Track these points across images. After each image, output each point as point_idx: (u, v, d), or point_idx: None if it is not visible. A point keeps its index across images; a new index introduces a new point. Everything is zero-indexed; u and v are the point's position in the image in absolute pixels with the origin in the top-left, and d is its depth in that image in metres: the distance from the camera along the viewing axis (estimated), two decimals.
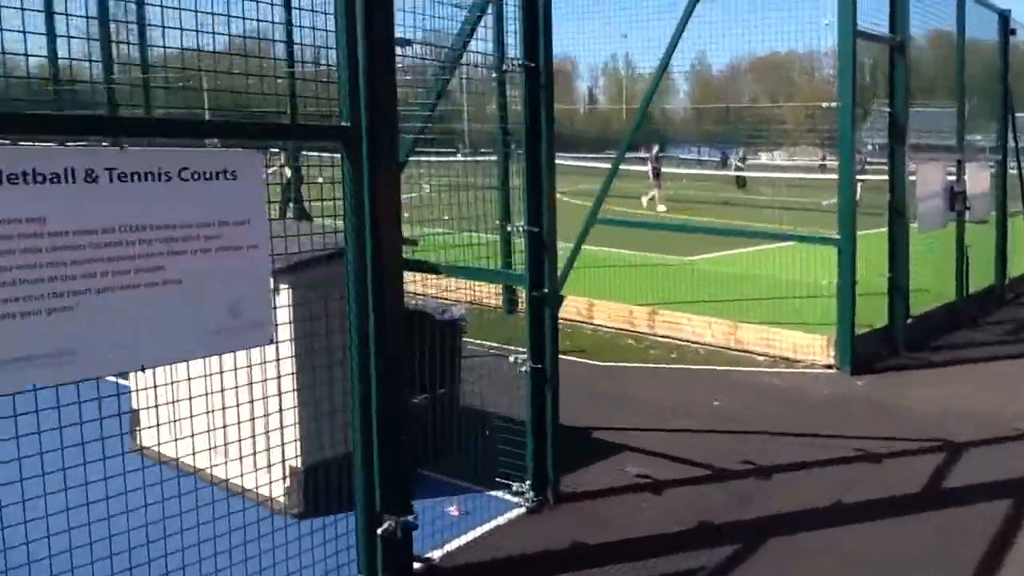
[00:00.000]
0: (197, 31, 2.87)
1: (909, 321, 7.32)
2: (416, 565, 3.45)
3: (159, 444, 3.28)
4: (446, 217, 4.36)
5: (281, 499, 3.62)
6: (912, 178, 7.33)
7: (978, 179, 8.71)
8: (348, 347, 3.13)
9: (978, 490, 4.37)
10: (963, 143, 8.53)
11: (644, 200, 20.21)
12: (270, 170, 4.24)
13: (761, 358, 6.99)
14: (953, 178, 8.17)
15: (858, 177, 7.35)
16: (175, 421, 3.04)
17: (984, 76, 9.49)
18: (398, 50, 3.10)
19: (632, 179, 18.83)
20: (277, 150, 6.75)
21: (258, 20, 2.92)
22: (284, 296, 3.54)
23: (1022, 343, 7.97)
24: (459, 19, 4.38)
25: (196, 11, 2.92)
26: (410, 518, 3.22)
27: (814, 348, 6.79)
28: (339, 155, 3.03)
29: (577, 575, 3.54)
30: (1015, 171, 10.29)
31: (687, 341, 7.40)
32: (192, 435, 3.00)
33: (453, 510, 4.00)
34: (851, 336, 6.59)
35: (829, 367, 6.69)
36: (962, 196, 8.22)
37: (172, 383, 2.97)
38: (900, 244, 7.22)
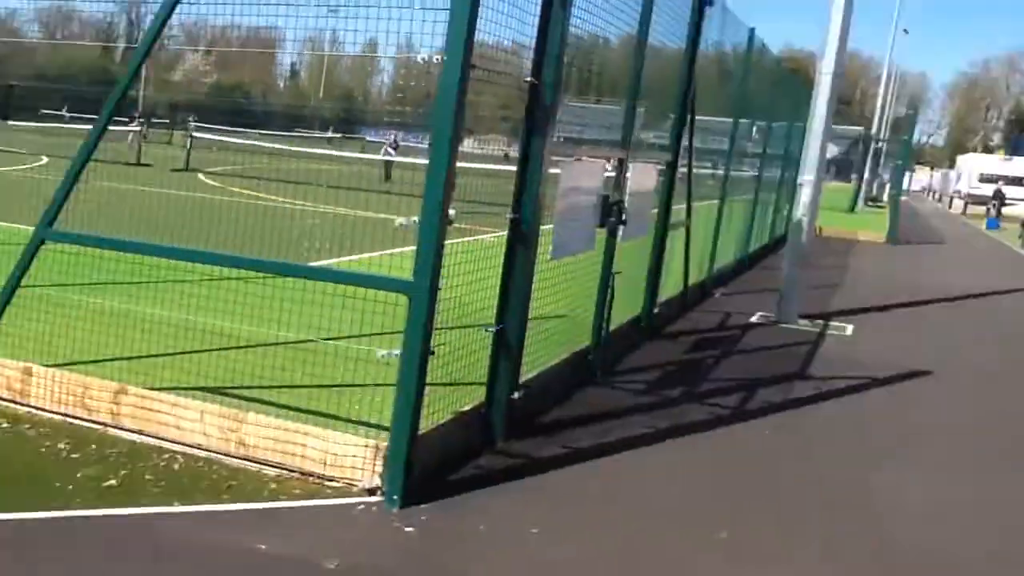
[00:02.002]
0: None
1: (517, 395, 4.79)
2: None
3: None
4: None
5: None
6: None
7: (643, 184, 6.41)
8: None
9: None
10: (630, 137, 6.12)
11: None
12: None
13: (272, 473, 4.10)
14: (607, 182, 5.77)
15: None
16: None
17: (672, 76, 7.76)
18: None
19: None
20: None
21: None
22: None
23: (664, 407, 5.89)
24: None
25: None
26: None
27: (356, 459, 4.00)
28: None
29: None
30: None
31: (168, 442, 4.31)
32: None
33: None
34: (408, 440, 3.88)
35: (373, 492, 3.96)
36: (617, 207, 5.85)
37: None
38: (518, 281, 4.62)
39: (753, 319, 9.42)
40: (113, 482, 3.85)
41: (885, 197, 37.07)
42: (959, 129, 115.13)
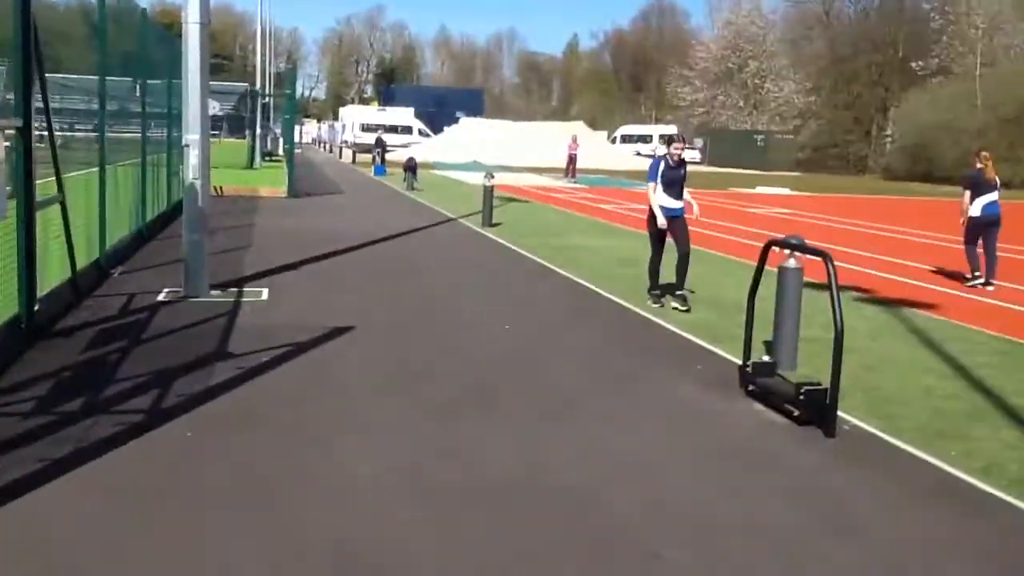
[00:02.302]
0: None
1: None
2: None
3: None
4: None
5: None
6: None
7: None
8: None
9: None
10: None
11: None
12: None
13: None
14: None
15: None
16: None
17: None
18: None
19: None
20: None
21: None
22: None
23: (64, 426, 4.75)
24: None
25: None
26: None
27: None
28: None
29: None
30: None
31: None
32: None
33: None
34: None
35: None
36: None
37: None
38: None
39: (161, 297, 8.43)
40: None
41: (281, 151, 37.77)
42: (337, 83, 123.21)
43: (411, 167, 25.64)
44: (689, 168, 9.46)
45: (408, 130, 62.49)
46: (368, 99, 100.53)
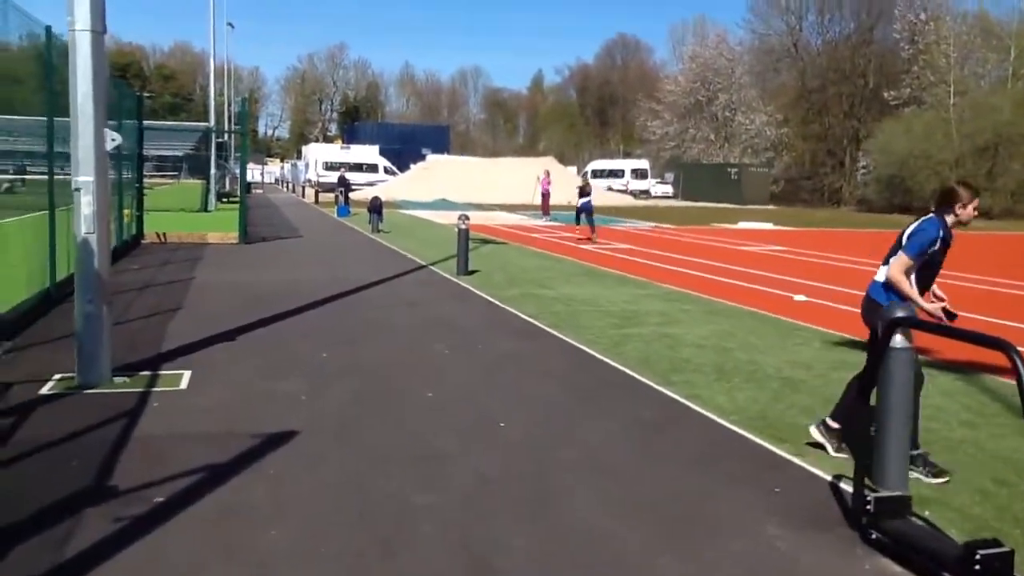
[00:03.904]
0: None
1: None
2: None
3: None
4: None
5: None
6: None
7: None
8: None
9: None
10: None
11: None
12: None
13: None
14: None
15: None
16: None
17: None
18: None
19: None
20: None
21: None
22: None
23: None
24: None
25: None
26: None
27: None
28: None
29: None
30: None
31: None
32: None
33: None
34: None
35: None
36: None
37: None
38: None
39: (46, 388, 6.42)
40: None
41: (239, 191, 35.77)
42: (300, 121, 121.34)
43: (376, 208, 23.74)
44: (664, 204, 7.68)
45: (373, 168, 60.66)
46: (332, 137, 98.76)
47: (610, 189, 59.01)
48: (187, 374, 6.95)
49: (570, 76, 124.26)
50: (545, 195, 32.73)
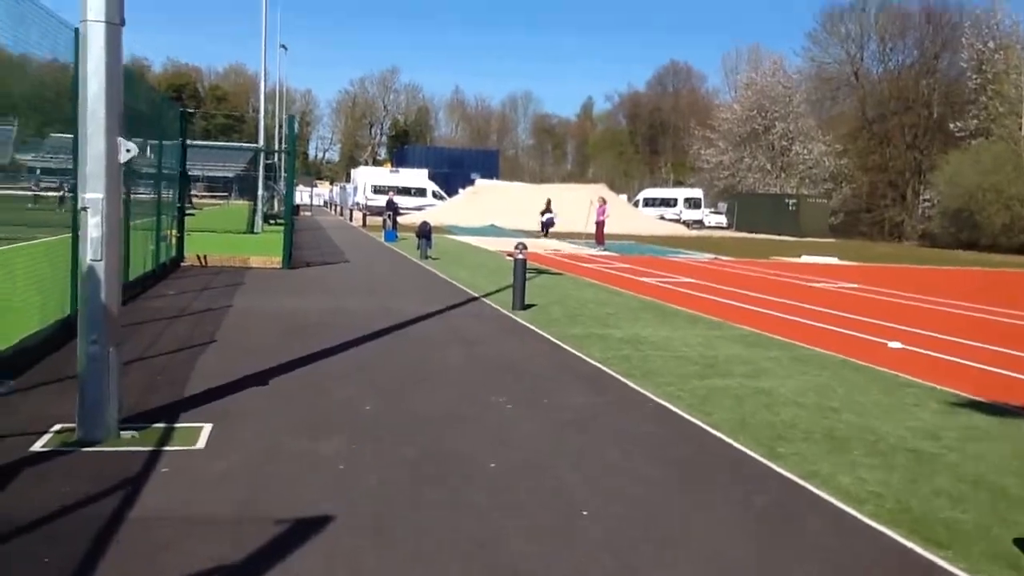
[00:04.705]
0: None
1: None
2: None
3: None
4: None
5: None
6: None
7: None
8: None
9: None
10: None
11: None
12: None
13: None
14: None
15: None
16: None
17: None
18: None
19: None
20: None
21: None
22: None
23: None
24: None
25: None
26: None
27: None
28: None
29: None
30: None
31: None
32: None
33: None
34: None
35: None
36: None
37: None
38: None
39: (41, 443, 5.44)
40: None
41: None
42: (350, 145, 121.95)
43: (425, 233, 22.79)
44: (718, 234, 6.46)
45: (422, 192, 60.13)
46: (382, 161, 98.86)
47: (662, 218, 57.72)
48: (207, 429, 5.92)
49: (620, 103, 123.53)
50: (600, 224, 31.61)
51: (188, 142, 19.21)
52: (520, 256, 13.17)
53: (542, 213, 27.98)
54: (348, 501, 4.69)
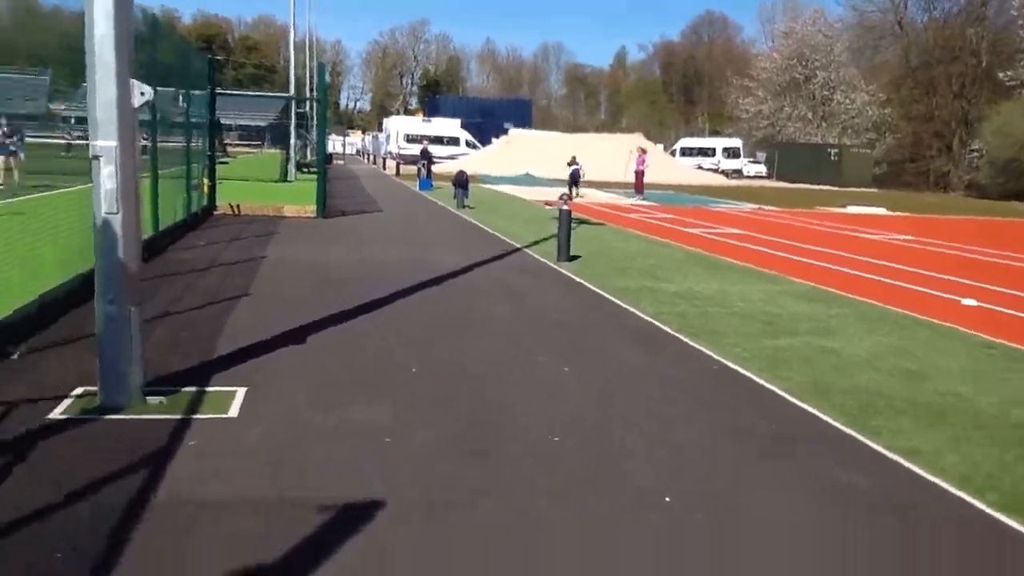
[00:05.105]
0: None
1: None
2: None
3: None
4: None
5: None
6: None
7: None
8: None
9: None
10: None
11: None
12: None
13: None
14: None
15: None
16: None
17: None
18: None
19: None
20: None
21: None
22: None
23: None
24: None
25: None
26: None
27: None
28: None
29: None
30: None
31: None
32: None
33: None
34: None
35: None
36: None
37: None
38: None
39: (60, 409, 4.97)
40: None
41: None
42: (381, 94, 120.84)
43: (462, 182, 22.13)
44: (757, 184, 5.77)
45: (455, 141, 59.27)
46: (413, 111, 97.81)
47: (700, 168, 56.54)
48: (240, 393, 5.42)
49: (654, 53, 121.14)
50: (639, 173, 30.76)
51: (218, 91, 18.63)
52: (565, 206, 12.52)
53: (568, 165, 27.47)
54: (399, 481, 4.16)
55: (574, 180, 27.03)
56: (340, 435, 4.79)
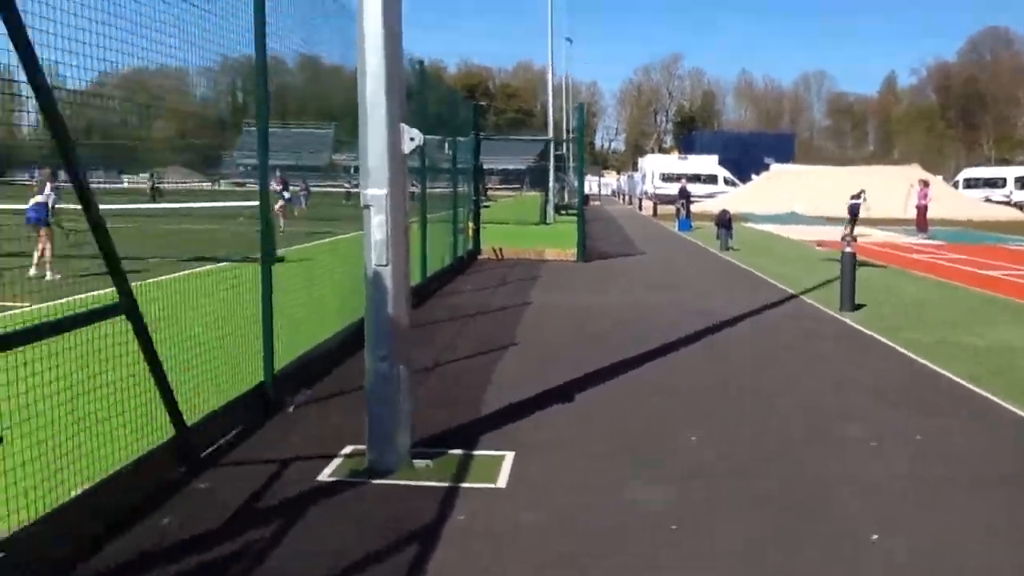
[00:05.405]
0: None
1: None
2: None
3: None
4: None
5: None
6: None
7: None
8: None
9: None
10: None
11: None
12: None
13: None
14: None
15: None
16: None
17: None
18: None
19: None
20: None
21: None
22: None
23: None
24: None
25: None
26: None
27: None
28: None
29: None
30: None
31: None
32: None
33: None
34: None
35: None
36: None
37: None
38: None
39: (329, 470, 4.80)
40: None
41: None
42: (635, 133, 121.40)
43: (724, 222, 21.14)
44: None
45: (712, 179, 57.81)
46: (668, 148, 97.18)
47: (988, 200, 51.27)
48: (508, 459, 5.01)
49: (928, 76, 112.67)
50: (922, 208, 28.15)
51: (481, 135, 19.05)
52: (848, 248, 11.34)
53: (852, 199, 25.38)
54: None
55: (853, 215, 25.10)
56: (618, 519, 4.22)
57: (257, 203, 5.79)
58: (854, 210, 25.28)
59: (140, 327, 4.12)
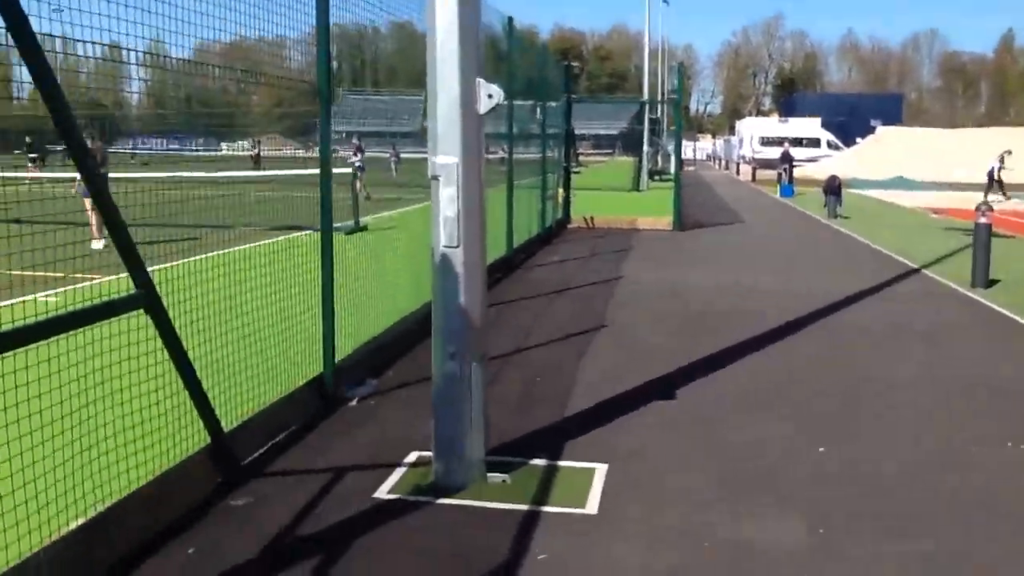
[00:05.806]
0: None
1: None
2: None
3: None
4: None
5: None
6: None
7: None
8: None
9: None
10: None
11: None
12: None
13: None
14: None
15: None
16: None
17: None
18: None
19: None
20: None
21: None
22: None
23: None
24: None
25: None
26: None
27: None
28: None
29: None
30: None
31: None
32: None
33: None
34: None
35: None
36: None
37: None
38: None
39: (391, 483, 4.11)
40: None
41: (672, 168, 33.55)
42: (732, 96, 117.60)
43: (833, 189, 19.73)
44: None
45: (815, 143, 55.32)
46: (766, 111, 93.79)
47: None
48: (600, 473, 4.24)
49: None
50: None
51: (573, 98, 18.11)
52: (983, 218, 10.11)
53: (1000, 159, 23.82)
54: None
55: (992, 180, 23.87)
56: (738, 562, 3.41)
57: (349, 170, 5.18)
58: (991, 175, 23.57)
59: (162, 319, 3.49)
